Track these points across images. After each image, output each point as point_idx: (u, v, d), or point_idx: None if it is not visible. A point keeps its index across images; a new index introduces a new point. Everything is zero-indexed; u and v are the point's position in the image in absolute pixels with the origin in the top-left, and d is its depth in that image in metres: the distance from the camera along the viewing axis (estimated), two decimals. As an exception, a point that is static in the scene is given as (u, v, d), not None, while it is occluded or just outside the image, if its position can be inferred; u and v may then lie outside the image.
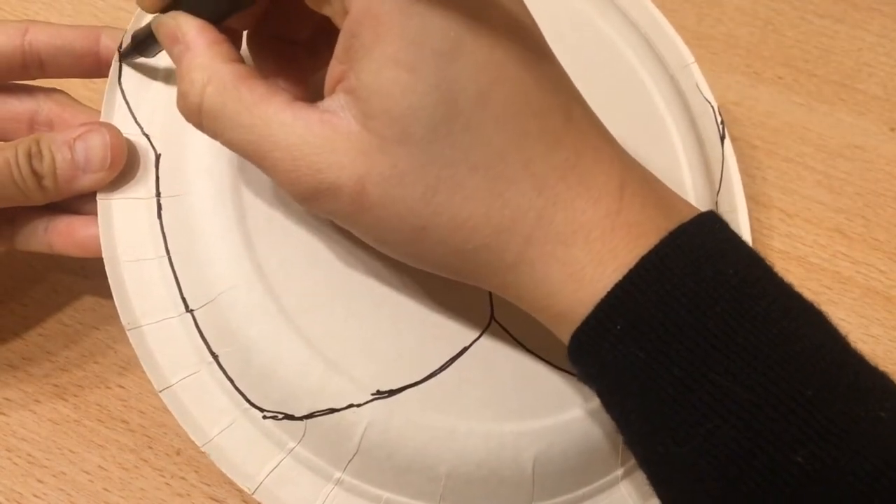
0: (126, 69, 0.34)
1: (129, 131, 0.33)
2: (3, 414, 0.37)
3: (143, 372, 0.37)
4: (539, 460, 0.32)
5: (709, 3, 0.52)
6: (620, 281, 0.26)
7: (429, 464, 0.32)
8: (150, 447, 0.36)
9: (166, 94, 0.33)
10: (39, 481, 0.35)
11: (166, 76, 0.34)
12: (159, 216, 0.32)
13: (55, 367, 0.38)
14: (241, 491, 0.35)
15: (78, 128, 0.32)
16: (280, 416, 0.32)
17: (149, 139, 0.33)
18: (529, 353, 0.33)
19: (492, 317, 0.33)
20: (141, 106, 0.33)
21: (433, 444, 0.32)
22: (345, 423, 0.31)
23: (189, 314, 0.32)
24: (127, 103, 0.33)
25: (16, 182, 0.32)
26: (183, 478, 0.36)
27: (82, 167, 0.32)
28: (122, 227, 0.33)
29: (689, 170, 0.38)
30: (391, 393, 0.31)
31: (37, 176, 0.32)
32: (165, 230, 0.32)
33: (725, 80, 0.48)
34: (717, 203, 0.39)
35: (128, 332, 0.32)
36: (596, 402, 0.32)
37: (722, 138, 0.41)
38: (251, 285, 0.31)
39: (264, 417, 0.32)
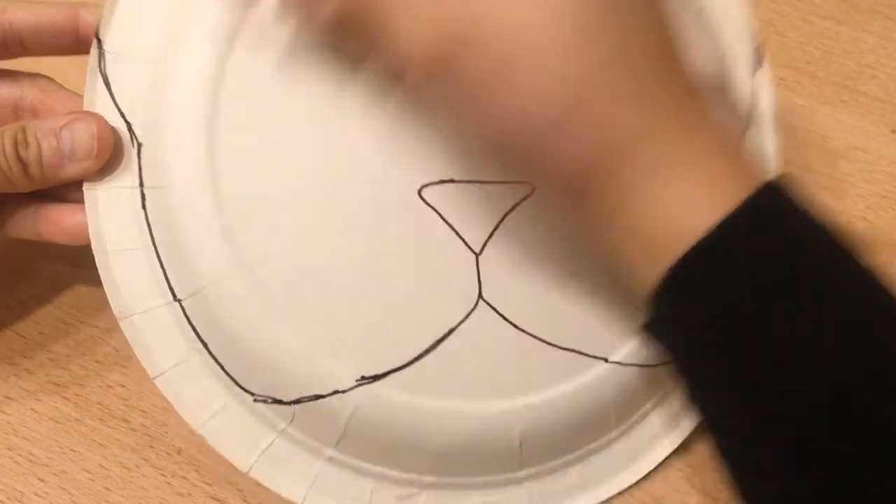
0: (108, 55, 0.33)
1: (112, 119, 0.33)
2: (4, 412, 0.37)
3: (145, 372, 0.37)
4: (526, 435, 0.33)
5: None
6: (748, 198, 0.26)
7: (416, 443, 0.32)
8: (152, 446, 0.36)
9: (148, 81, 0.33)
10: (40, 480, 0.35)
11: (147, 62, 0.33)
12: (143, 206, 0.33)
13: (56, 366, 0.38)
14: (241, 490, 0.35)
15: (64, 116, 0.32)
16: (270, 400, 0.32)
17: (130, 128, 0.33)
18: (518, 330, 0.33)
19: (479, 296, 0.32)
20: (123, 93, 0.33)
21: (419, 426, 0.32)
22: (331, 408, 0.32)
23: (177, 303, 0.33)
24: (109, 90, 0.33)
25: (1, 169, 0.32)
26: (184, 477, 0.36)
27: (68, 155, 0.32)
28: (108, 217, 0.33)
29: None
30: (376, 378, 0.32)
31: (22, 163, 0.32)
32: (150, 221, 0.33)
33: (727, 81, 0.48)
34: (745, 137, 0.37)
35: (119, 322, 0.33)
36: (586, 376, 0.33)
37: (758, 64, 0.37)
38: (234, 278, 0.31)
39: (255, 401, 0.33)
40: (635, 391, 0.35)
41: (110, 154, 0.32)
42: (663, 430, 0.36)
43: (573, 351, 0.33)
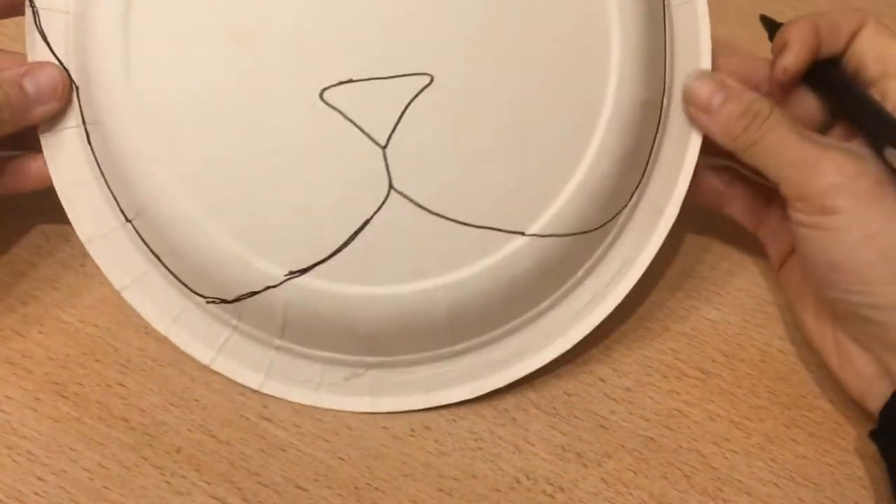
0: (41, 11, 0.36)
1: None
2: (4, 412, 0.37)
3: (144, 371, 0.37)
4: (453, 311, 0.35)
5: (710, 4, 0.52)
6: None
7: (349, 327, 0.35)
8: (151, 445, 0.36)
9: (74, 28, 0.35)
10: (40, 479, 0.35)
11: (72, 12, 0.35)
12: (89, 142, 0.36)
13: (55, 365, 0.38)
14: (241, 489, 0.35)
15: (21, 66, 0.35)
16: (218, 300, 0.36)
17: (69, 73, 0.36)
18: (432, 214, 0.34)
19: (390, 185, 0.34)
20: (58, 43, 0.36)
21: (348, 312, 0.35)
22: (267, 302, 0.35)
23: (129, 224, 0.36)
24: (47, 42, 0.36)
25: None
26: (183, 476, 0.36)
27: (34, 99, 0.35)
28: (64, 156, 0.36)
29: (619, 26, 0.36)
30: (302, 272, 0.34)
31: None
32: (96, 154, 0.36)
33: (726, 80, 0.48)
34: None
35: (86, 246, 0.36)
36: (504, 250, 0.35)
37: None
38: (167, 195, 0.34)
39: (207, 303, 0.36)
40: (559, 261, 0.36)
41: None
42: (598, 296, 0.38)
43: (489, 228, 0.35)
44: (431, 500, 0.36)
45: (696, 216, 0.40)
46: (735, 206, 0.41)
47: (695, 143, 0.38)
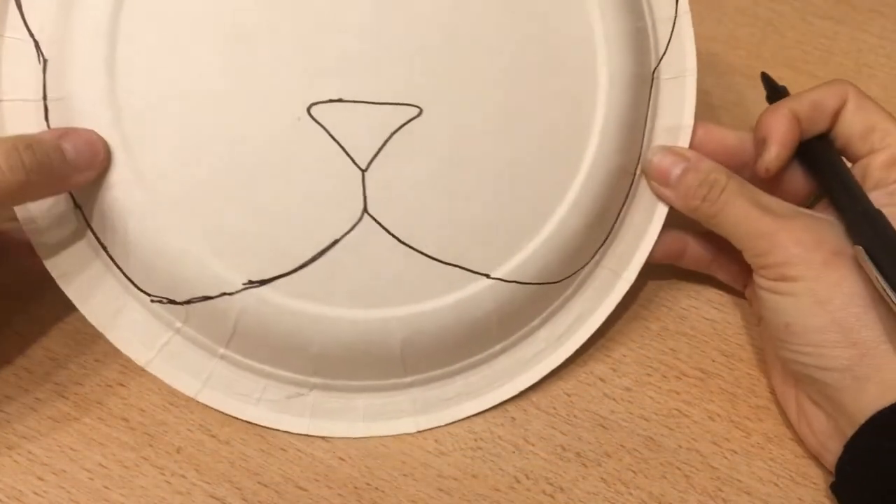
0: None
1: (20, 36, 0.34)
2: (4, 411, 0.37)
3: (144, 370, 0.37)
4: (407, 343, 0.35)
5: (709, 4, 0.52)
6: None
7: (300, 345, 0.35)
8: (151, 445, 0.36)
9: (56, 2, 0.34)
10: (40, 479, 0.35)
11: None
12: (46, 118, 0.34)
13: (55, 366, 0.38)
14: (240, 489, 0.35)
15: (55, 130, 0.33)
16: (165, 300, 0.35)
17: (38, 45, 0.34)
18: (402, 244, 0.34)
19: (364, 209, 0.34)
20: (33, 13, 0.34)
21: (302, 329, 0.34)
22: (220, 309, 0.34)
23: (79, 209, 0.35)
24: (20, 8, 0.34)
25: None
26: (183, 476, 0.36)
27: (73, 166, 0.33)
28: (12, 130, 0.34)
29: (605, 43, 0.36)
30: (262, 282, 0.34)
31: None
32: None
33: (726, 80, 0.48)
34: (659, 69, 0.39)
35: (25, 230, 0.35)
36: (468, 290, 0.35)
37: None
38: (129, 186, 0.33)
39: (152, 301, 0.35)
40: (518, 307, 0.37)
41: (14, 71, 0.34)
42: (550, 347, 0.38)
43: (456, 266, 0.35)
44: (431, 500, 0.36)
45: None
46: (722, 273, 0.42)
47: (661, 213, 0.39)
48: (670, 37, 0.39)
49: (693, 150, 0.39)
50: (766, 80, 0.41)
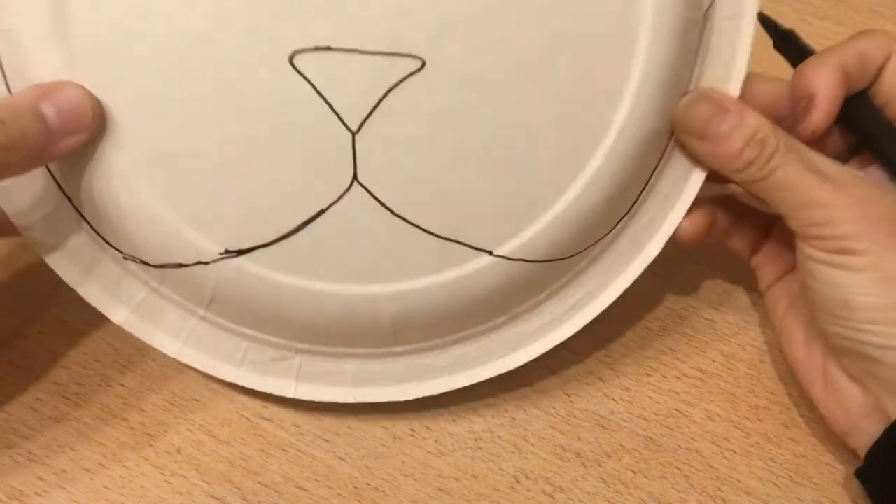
0: None
1: None
2: (4, 411, 0.37)
3: (144, 370, 0.37)
4: (398, 320, 0.33)
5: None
6: None
7: (283, 316, 0.33)
8: (151, 445, 0.36)
9: None
10: (40, 479, 0.35)
11: None
12: (7, 87, 0.30)
13: (56, 365, 0.38)
14: (241, 489, 0.36)
15: (34, 89, 0.29)
16: (138, 260, 0.33)
17: None
18: (395, 215, 0.31)
19: (354, 177, 0.31)
20: None
21: (285, 303, 0.32)
22: (195, 277, 0.32)
23: (45, 169, 0.32)
24: None
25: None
26: (183, 476, 0.36)
27: (56, 130, 0.28)
28: None
29: None
30: (240, 252, 0.31)
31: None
32: (8, 81, 0.30)
33: (726, 81, 0.48)
34: (714, 5, 0.34)
35: None
36: (466, 267, 0.32)
37: None
38: (98, 140, 0.30)
39: (125, 258, 0.33)
40: (523, 284, 0.34)
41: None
42: (555, 320, 0.36)
43: (453, 241, 0.32)
44: (431, 500, 0.36)
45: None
46: (735, 240, 0.39)
47: (696, 180, 0.35)
48: None
49: (736, 100, 0.34)
50: (766, 22, 0.37)
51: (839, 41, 0.35)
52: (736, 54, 0.34)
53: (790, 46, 0.37)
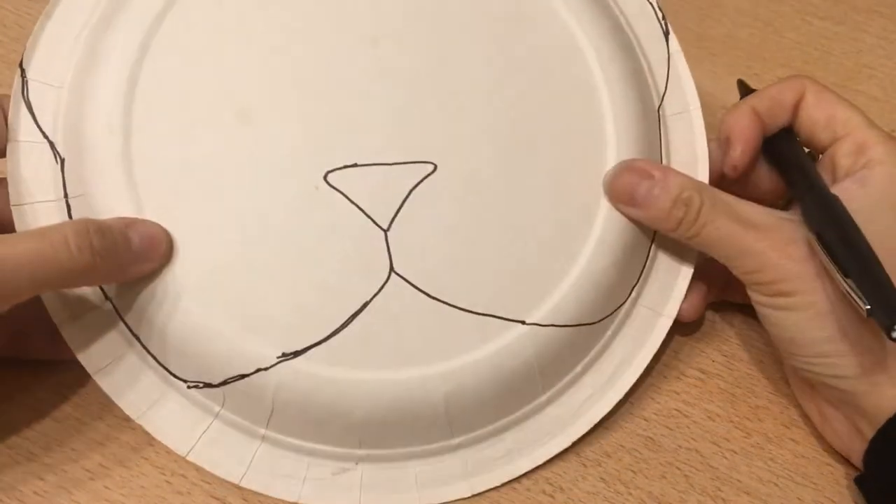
0: (31, 83, 0.35)
1: (35, 139, 0.35)
2: (5, 411, 0.37)
3: (144, 370, 0.37)
4: (450, 399, 0.34)
5: (709, 4, 0.52)
6: None
7: (342, 414, 0.34)
8: (151, 445, 0.36)
9: (67, 100, 0.35)
10: (40, 479, 0.35)
11: (67, 85, 0.35)
12: (69, 216, 0.34)
13: (56, 365, 0.38)
14: (241, 489, 0.35)
15: (122, 219, 0.33)
16: (201, 384, 0.34)
17: (53, 146, 0.35)
18: (432, 299, 0.34)
19: (391, 269, 0.34)
20: (45, 115, 0.35)
21: (342, 396, 0.34)
22: (256, 386, 0.34)
23: (109, 301, 0.34)
24: (32, 114, 0.35)
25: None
26: (183, 476, 0.36)
27: (136, 254, 0.33)
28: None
29: (605, 84, 0.37)
30: (296, 354, 0.33)
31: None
32: None
33: (725, 81, 0.48)
34: (663, 107, 0.40)
35: (60, 328, 0.34)
36: (504, 339, 0.34)
37: (666, 35, 0.40)
38: (157, 274, 0.33)
39: (188, 388, 0.35)
40: (558, 351, 0.36)
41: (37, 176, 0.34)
42: (597, 393, 0.37)
43: (488, 315, 0.35)
44: (431, 500, 0.36)
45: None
46: (733, 295, 0.40)
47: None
48: (668, 75, 0.40)
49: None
50: (741, 85, 0.41)
51: (839, 41, 0.35)
52: (695, 141, 0.39)
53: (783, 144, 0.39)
